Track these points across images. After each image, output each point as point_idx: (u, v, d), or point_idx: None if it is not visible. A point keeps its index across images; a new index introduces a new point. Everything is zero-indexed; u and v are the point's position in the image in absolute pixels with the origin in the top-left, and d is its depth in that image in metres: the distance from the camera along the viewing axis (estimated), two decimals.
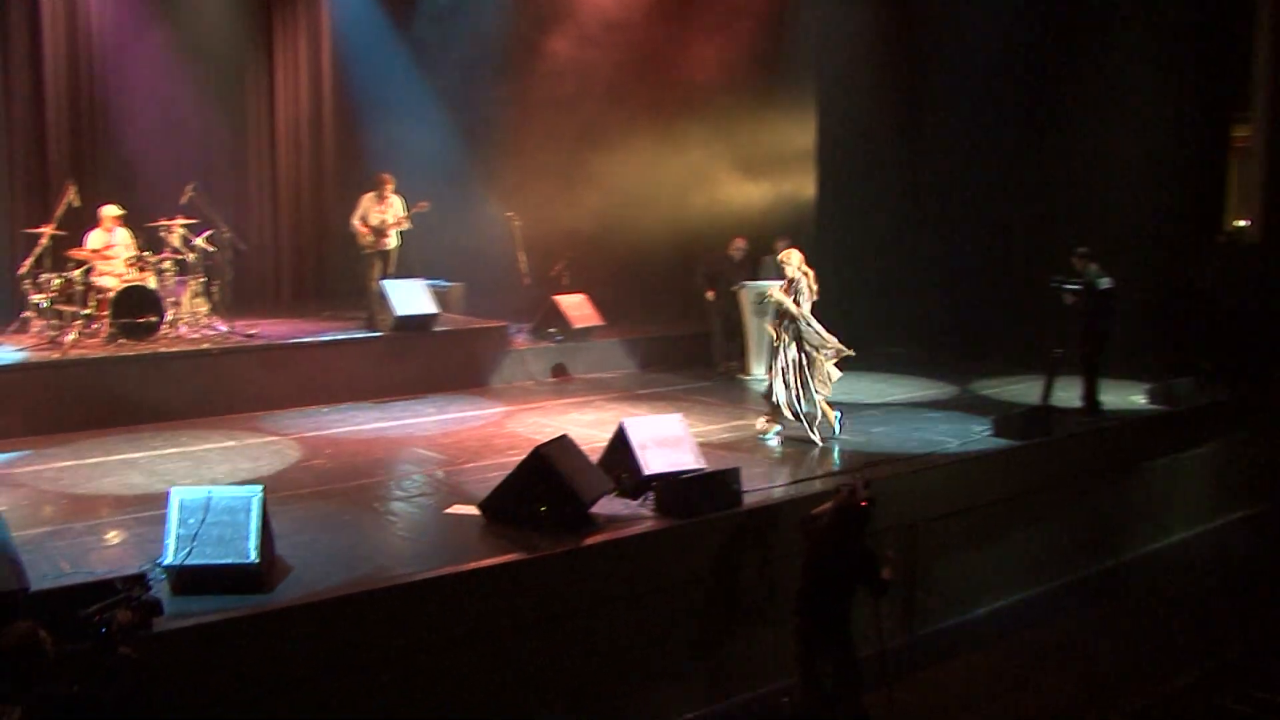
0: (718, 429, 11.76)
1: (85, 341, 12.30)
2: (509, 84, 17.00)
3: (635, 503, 9.00)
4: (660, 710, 8.49)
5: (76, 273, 12.48)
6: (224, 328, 13.19)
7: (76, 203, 12.76)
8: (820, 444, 10.90)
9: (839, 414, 11.18)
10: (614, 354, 15.16)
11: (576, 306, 15.06)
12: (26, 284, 12.50)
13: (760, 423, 11.30)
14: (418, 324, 13.70)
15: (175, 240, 13.20)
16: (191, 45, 15.96)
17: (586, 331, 14.97)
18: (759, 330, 14.44)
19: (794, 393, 10.86)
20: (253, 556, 7.12)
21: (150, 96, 15.55)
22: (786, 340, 10.87)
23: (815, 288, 10.90)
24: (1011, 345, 15.05)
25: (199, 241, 13.32)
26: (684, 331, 15.76)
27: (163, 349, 12.34)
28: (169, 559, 7.14)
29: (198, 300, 13.46)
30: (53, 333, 12.32)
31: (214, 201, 14.11)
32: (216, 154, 16.26)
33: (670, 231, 16.20)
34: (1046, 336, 12.80)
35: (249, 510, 7.27)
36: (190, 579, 7.12)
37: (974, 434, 11.32)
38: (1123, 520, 12.10)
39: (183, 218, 13.30)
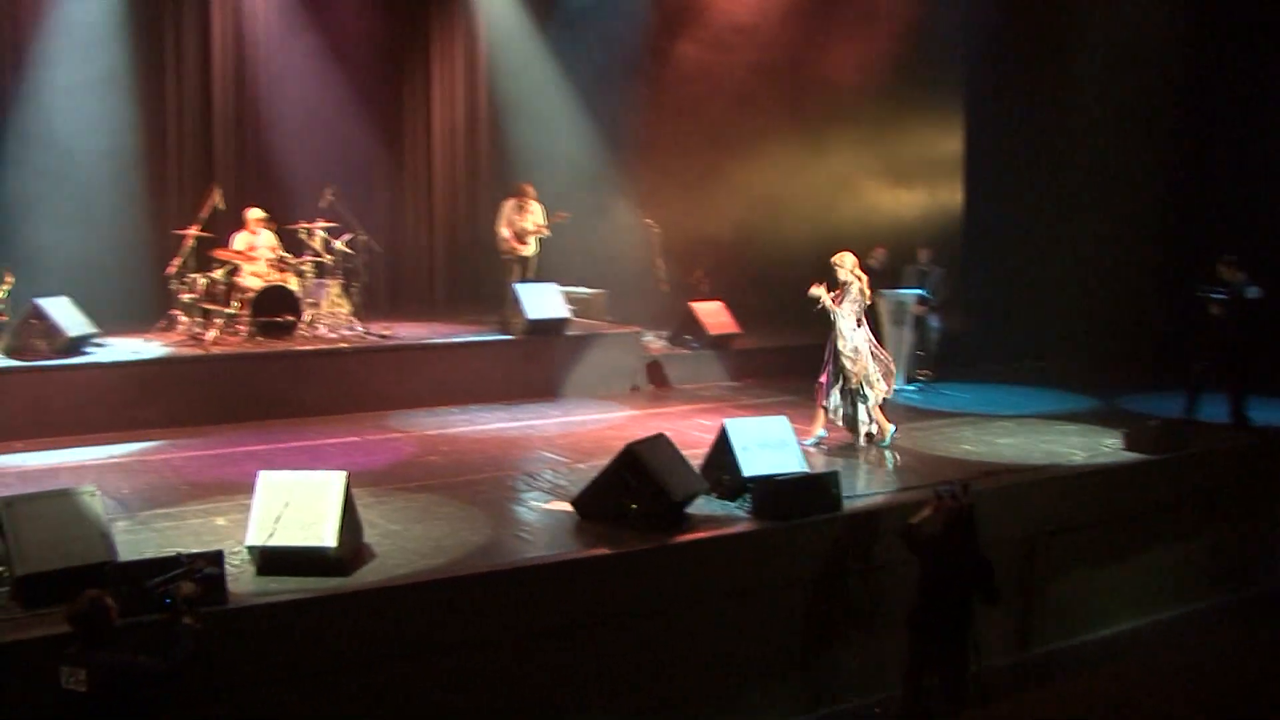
0: (840, 437, 11.50)
1: (226, 339, 12.76)
2: (648, 90, 17.02)
3: (733, 504, 8.89)
4: (749, 716, 8.32)
5: (219, 273, 12.97)
6: (360, 328, 13.50)
7: (221, 205, 13.25)
8: (862, 447, 10.74)
9: (894, 427, 10.97)
10: (749, 361, 14.94)
11: (713, 314, 14.95)
12: (174, 283, 13.01)
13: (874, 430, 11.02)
14: (549, 328, 13.78)
15: (316, 243, 13.59)
16: (346, 53, 16.40)
17: (723, 339, 14.84)
18: (896, 340, 14.17)
19: (841, 396, 10.79)
20: (331, 541, 7.23)
21: (299, 102, 16.05)
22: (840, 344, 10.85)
23: (869, 293, 10.85)
24: (1164, 358, 14.33)
25: (338, 244, 13.69)
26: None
27: (298, 347, 12.71)
28: (252, 540, 7.33)
29: (338, 301, 13.86)
30: (198, 330, 12.80)
31: (368, 206, 14.59)
32: (367, 159, 16.61)
33: (812, 239, 15.88)
34: (1196, 348, 12.15)
35: (331, 496, 7.40)
36: (272, 559, 7.30)
37: (1104, 447, 10.80)
38: (1268, 544, 11.36)
39: (323, 221, 13.69)
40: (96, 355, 12.08)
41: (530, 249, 14.82)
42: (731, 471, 9.01)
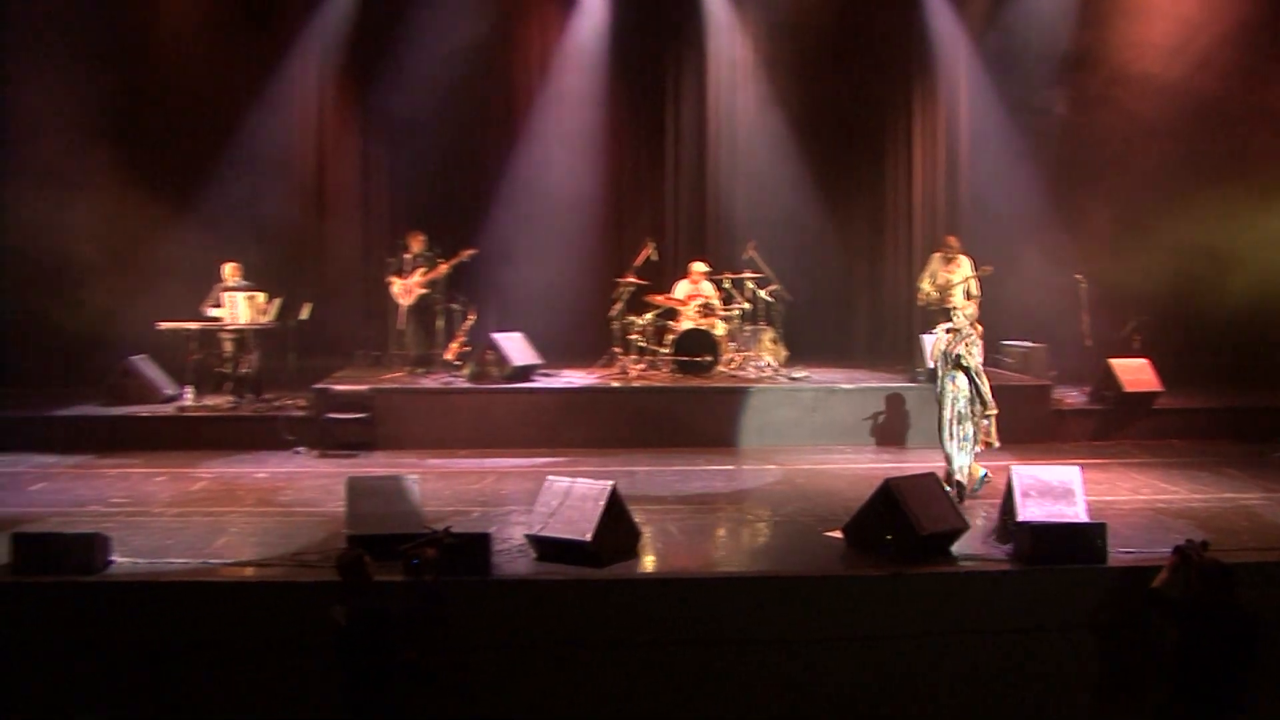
0: (1199, 497, 11.09)
1: (650, 374, 14.49)
2: (1071, 139, 16.80)
3: (1004, 547, 9.13)
4: None
5: (648, 316, 14.74)
6: (776, 370, 14.69)
7: (655, 258, 15.05)
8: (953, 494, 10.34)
9: (985, 473, 10.78)
10: (1173, 421, 14.22)
11: (1132, 370, 14.55)
12: (614, 325, 14.94)
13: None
14: None
15: (744, 292, 15.03)
16: (808, 121, 17.79)
17: (1141, 396, 14.41)
18: None
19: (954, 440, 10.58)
20: (588, 537, 8.50)
21: (752, 162, 17.71)
22: (953, 390, 10.66)
23: (981, 342, 10.72)
24: None
25: (763, 294, 15.04)
26: (1266, 404, 14.57)
27: (710, 384, 14.11)
28: (531, 530, 8.80)
29: (771, 347, 15.19)
30: (629, 366, 14.62)
31: (798, 258, 15.96)
32: (805, 215, 17.71)
33: (1265, 294, 15.08)
34: None
35: (598, 500, 8.68)
36: (545, 547, 8.72)
37: None
38: None
39: (750, 271, 15.12)
40: (537, 383, 14.20)
41: (956, 301, 15.29)
42: (1012, 515, 9.25)
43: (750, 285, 15.13)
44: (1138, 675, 8.47)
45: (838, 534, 9.46)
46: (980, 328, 11.10)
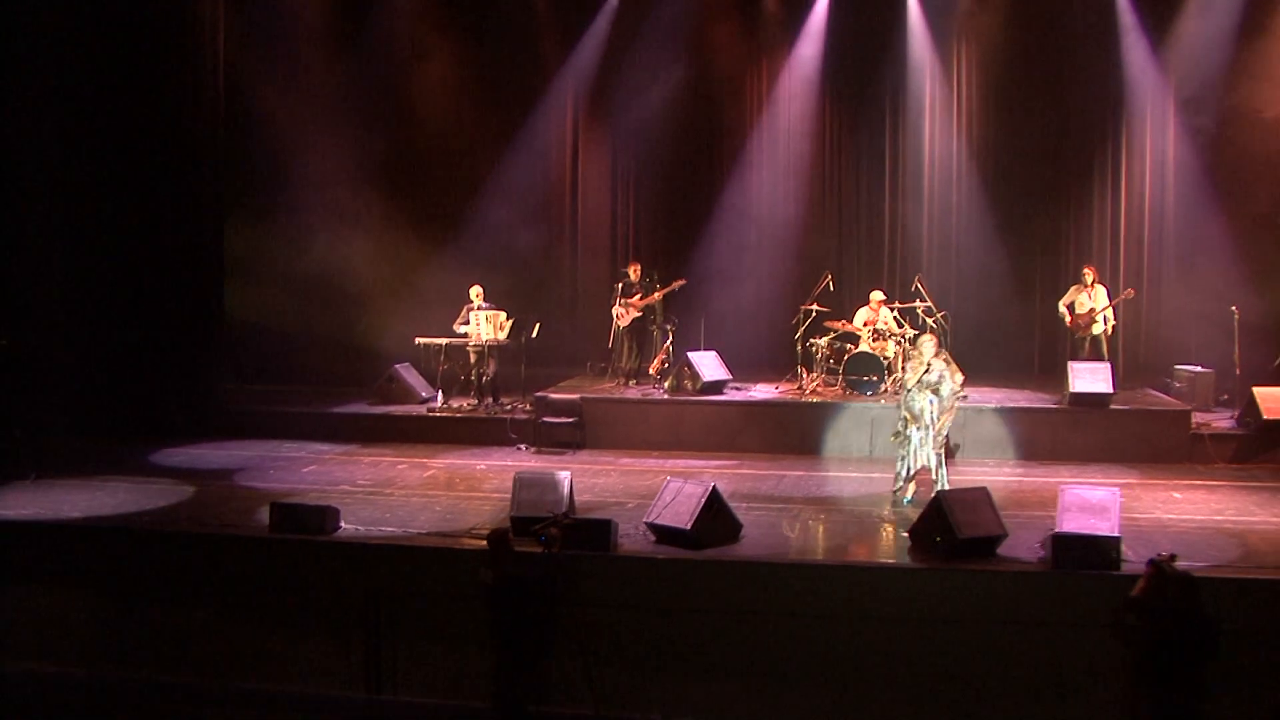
0: (1275, 522, 12.21)
1: (824, 391, 16.60)
2: (1206, 174, 17.83)
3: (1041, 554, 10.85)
4: None
5: (824, 339, 16.84)
6: None
7: (831, 288, 17.14)
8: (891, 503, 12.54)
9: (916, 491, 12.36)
10: None
11: (1274, 398, 15.36)
12: (798, 345, 17.13)
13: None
14: (1092, 401, 15.62)
15: (914, 320, 16.95)
16: (1000, 173, 19.54)
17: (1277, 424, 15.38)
18: None
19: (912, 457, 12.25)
20: (688, 525, 10.82)
21: (957, 194, 19.71)
22: (931, 411, 12.38)
23: (963, 375, 12.64)
24: None
25: (930, 321, 16.88)
26: None
27: (876, 401, 16.05)
28: (647, 518, 11.22)
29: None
30: (809, 385, 16.78)
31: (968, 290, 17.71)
32: (987, 252, 19.36)
33: None
34: None
35: (700, 497, 10.98)
36: (658, 532, 11.08)
37: None
38: None
39: (919, 301, 17.01)
40: (725, 396, 16.57)
41: (1098, 328, 16.71)
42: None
43: (919, 313, 16.98)
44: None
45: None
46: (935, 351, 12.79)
